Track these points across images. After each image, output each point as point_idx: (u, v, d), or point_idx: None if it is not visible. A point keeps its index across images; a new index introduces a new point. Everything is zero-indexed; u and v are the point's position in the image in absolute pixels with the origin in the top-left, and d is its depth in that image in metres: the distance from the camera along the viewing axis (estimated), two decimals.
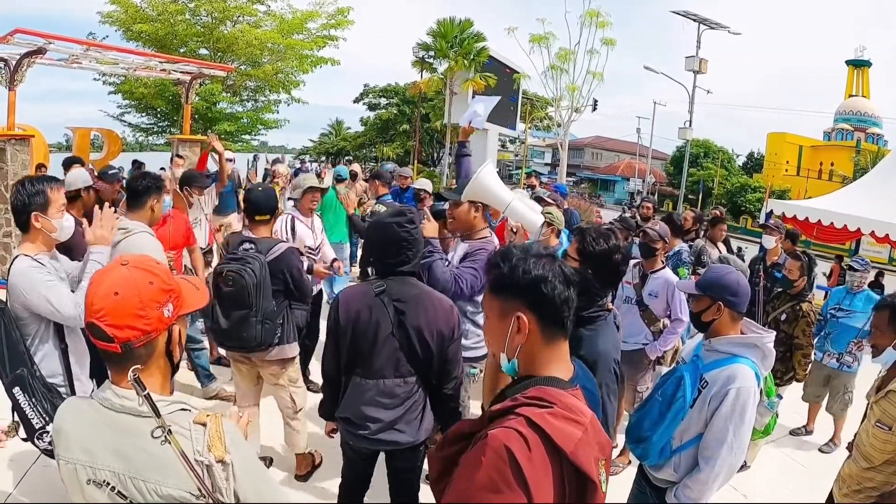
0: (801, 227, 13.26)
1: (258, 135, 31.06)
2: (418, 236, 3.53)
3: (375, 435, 3.51)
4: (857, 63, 63.98)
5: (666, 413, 3.26)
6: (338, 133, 78.24)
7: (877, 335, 3.94)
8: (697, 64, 40.81)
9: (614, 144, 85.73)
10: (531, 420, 1.71)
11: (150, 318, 1.83)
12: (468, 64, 30.82)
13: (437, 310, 3.47)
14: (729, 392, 3.07)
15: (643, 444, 3.35)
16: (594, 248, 3.19)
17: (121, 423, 1.84)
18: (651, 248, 5.93)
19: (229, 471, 1.85)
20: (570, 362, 2.04)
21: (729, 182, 59.86)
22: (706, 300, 3.30)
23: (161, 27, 24.59)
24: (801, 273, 6.43)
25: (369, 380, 3.48)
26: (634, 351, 5.99)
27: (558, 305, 1.96)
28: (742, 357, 3.19)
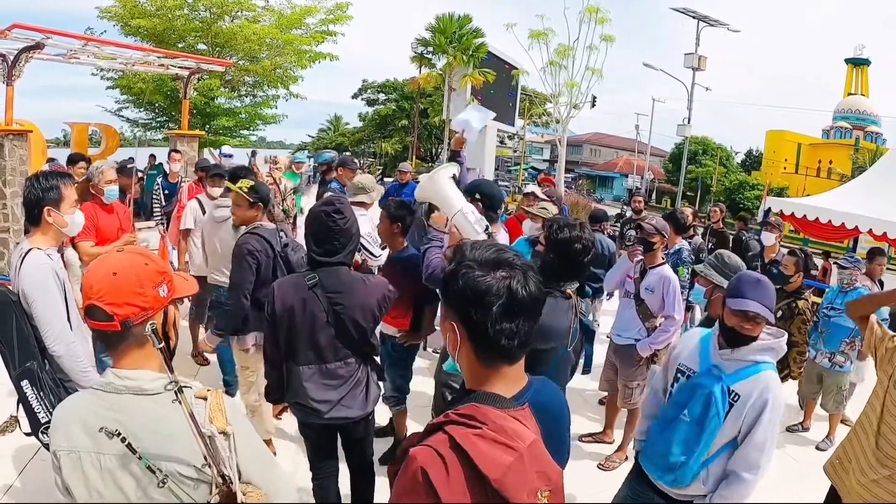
0: (800, 224, 13.31)
1: (256, 130, 30.98)
2: (348, 226, 3.61)
3: (328, 414, 3.72)
4: (856, 62, 63.94)
5: (700, 435, 3.20)
6: (336, 128, 78.19)
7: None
8: (696, 61, 40.76)
9: (613, 141, 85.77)
10: (453, 440, 1.61)
11: (148, 297, 1.91)
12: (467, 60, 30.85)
13: (370, 294, 3.68)
14: (768, 401, 3.12)
15: (676, 471, 3.28)
16: (557, 235, 3.53)
17: (123, 404, 1.88)
18: (647, 241, 5.93)
19: (231, 442, 1.88)
20: (518, 380, 1.88)
21: (727, 179, 59.79)
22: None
23: (159, 22, 24.45)
24: (797, 269, 6.45)
25: (311, 365, 3.66)
26: (627, 346, 6.05)
27: (492, 336, 1.74)
28: (764, 362, 3.23)
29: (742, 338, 3.23)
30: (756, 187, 55.26)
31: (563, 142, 22.82)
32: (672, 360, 3.64)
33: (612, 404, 6.51)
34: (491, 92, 30.73)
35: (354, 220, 3.74)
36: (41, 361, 3.53)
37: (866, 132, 60.06)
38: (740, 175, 61.45)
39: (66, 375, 3.62)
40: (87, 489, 1.86)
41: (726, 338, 3.31)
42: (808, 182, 54.67)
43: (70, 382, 3.61)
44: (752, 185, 56.94)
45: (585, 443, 6.52)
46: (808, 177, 57.80)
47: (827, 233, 13.17)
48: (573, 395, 7.60)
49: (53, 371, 3.59)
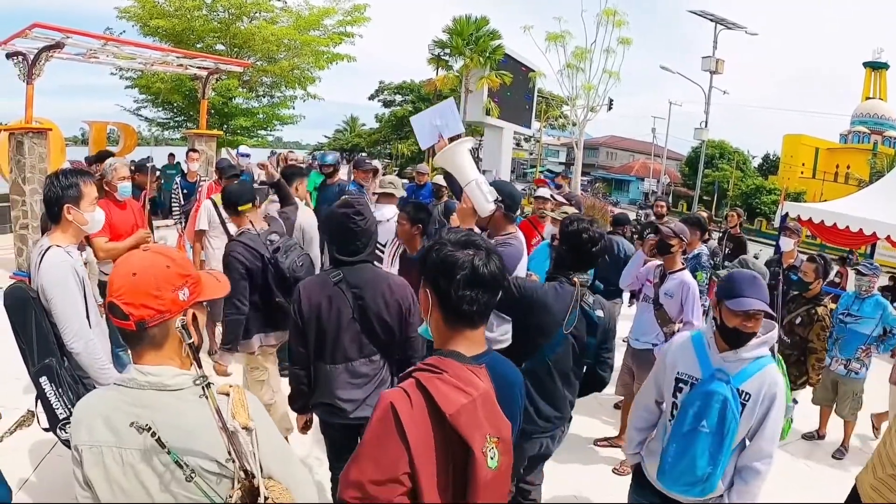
0: (817, 230, 13.22)
1: (273, 130, 31.11)
2: (368, 226, 3.72)
3: (353, 413, 3.76)
4: (874, 65, 63.64)
5: (722, 442, 3.16)
6: (352, 129, 78.32)
7: None
8: (714, 64, 40.67)
9: (629, 144, 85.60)
10: (419, 382, 1.95)
11: (165, 300, 1.90)
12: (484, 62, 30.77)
13: (394, 291, 3.72)
14: (776, 395, 3.17)
15: (703, 484, 3.23)
16: (568, 228, 3.86)
17: (145, 399, 1.88)
18: (666, 244, 5.92)
19: (253, 437, 1.87)
20: (478, 345, 2.24)
21: (744, 184, 59.61)
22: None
23: (178, 23, 24.59)
24: (817, 275, 6.41)
25: (337, 364, 3.71)
26: (644, 350, 6.05)
27: (455, 301, 2.13)
28: (764, 357, 3.25)
29: (744, 336, 3.21)
30: (773, 192, 55.08)
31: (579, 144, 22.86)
32: (667, 368, 3.55)
33: (627, 409, 6.46)
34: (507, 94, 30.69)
35: (373, 220, 3.83)
36: (60, 358, 3.56)
37: (884, 137, 59.76)
38: (757, 179, 61.27)
39: (85, 372, 3.65)
40: (108, 483, 1.86)
41: (728, 340, 3.27)
42: (826, 187, 54.43)
43: (88, 379, 3.64)
44: (769, 190, 56.77)
45: (600, 447, 6.50)
46: (825, 182, 57.56)
47: (844, 239, 13.10)
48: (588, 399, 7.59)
49: (72, 368, 3.62)
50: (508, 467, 2.09)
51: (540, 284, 3.90)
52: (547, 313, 3.70)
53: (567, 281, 3.83)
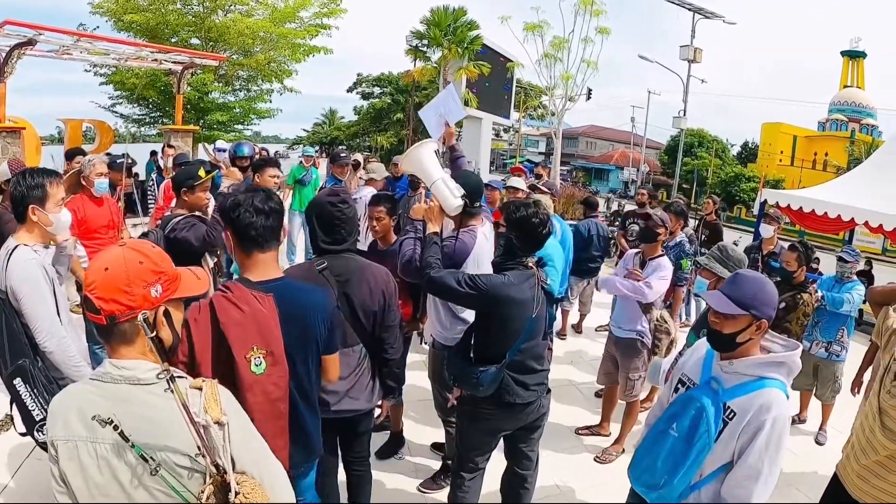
0: (795, 216, 13.28)
1: (251, 125, 30.96)
2: (351, 215, 3.74)
3: (335, 406, 3.77)
4: (852, 54, 64.28)
5: (687, 452, 2.88)
6: (331, 122, 78.18)
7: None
8: (692, 53, 40.68)
9: (609, 134, 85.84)
10: (212, 300, 2.63)
11: (135, 295, 1.91)
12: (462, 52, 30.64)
13: (378, 280, 3.78)
14: (765, 423, 2.75)
15: (660, 491, 2.99)
16: (514, 215, 3.94)
17: (119, 393, 1.89)
18: (655, 232, 6.00)
19: (225, 431, 1.89)
20: (268, 271, 2.95)
21: (723, 171, 59.97)
22: (746, 319, 2.87)
23: (152, 17, 24.38)
24: (800, 263, 6.42)
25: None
26: (628, 338, 6.04)
27: (243, 227, 2.86)
28: (770, 379, 2.86)
29: (722, 338, 2.95)
30: (752, 179, 55.46)
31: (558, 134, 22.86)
32: (676, 369, 3.41)
33: (609, 397, 6.50)
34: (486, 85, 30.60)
35: (356, 209, 3.83)
36: (33, 358, 3.51)
37: (862, 124, 60.45)
38: (736, 167, 61.66)
39: (60, 373, 3.60)
40: (83, 478, 1.86)
41: (711, 341, 3.06)
42: (804, 174, 54.94)
43: (64, 380, 3.59)
44: (748, 178, 57.11)
45: (583, 435, 6.50)
46: (803, 169, 58.06)
47: (823, 225, 13.14)
48: (570, 388, 7.65)
49: (46, 368, 3.57)
50: (279, 377, 2.76)
51: (501, 278, 3.89)
52: (514, 305, 3.80)
53: (523, 267, 3.93)
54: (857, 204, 11.87)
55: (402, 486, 5.32)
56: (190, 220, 4.74)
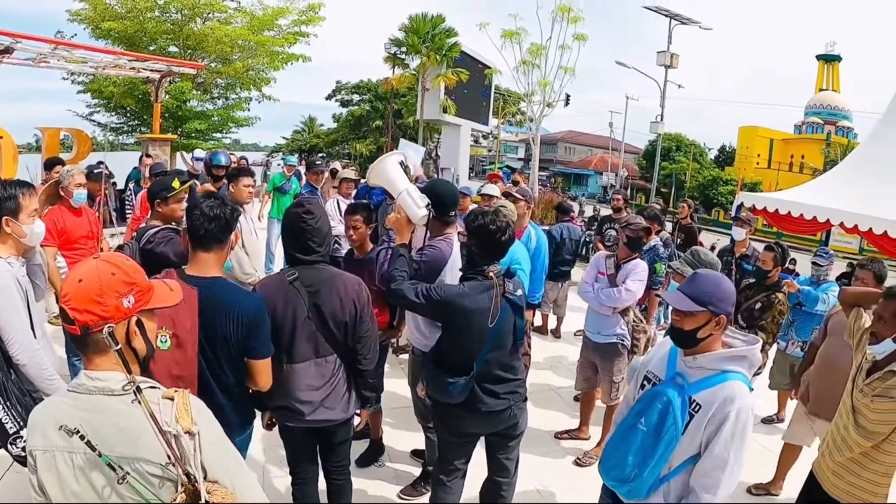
0: (772, 218, 13.37)
1: (229, 133, 30.89)
2: (319, 225, 3.75)
3: (310, 416, 3.79)
4: (827, 58, 65.10)
5: (655, 446, 2.95)
6: (310, 130, 77.86)
7: (879, 324, 3.79)
8: (668, 59, 40.94)
9: (587, 139, 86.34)
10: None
11: (108, 306, 1.95)
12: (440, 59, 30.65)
13: (348, 290, 3.77)
14: (728, 414, 2.84)
15: (631, 484, 3.04)
16: (473, 224, 4.00)
17: (94, 404, 1.94)
18: (640, 241, 6.09)
19: (196, 441, 1.91)
20: (203, 270, 3.29)
21: (701, 175, 60.44)
22: (704, 315, 2.97)
23: (130, 25, 24.26)
24: (775, 263, 6.49)
25: (294, 364, 3.73)
26: (609, 343, 6.08)
27: (192, 227, 3.28)
28: (733, 372, 2.96)
29: (683, 335, 3.04)
30: (729, 182, 55.95)
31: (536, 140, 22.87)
32: (641, 367, 3.48)
33: (588, 401, 6.54)
34: (464, 91, 30.64)
35: (325, 220, 3.83)
36: (6, 371, 3.49)
37: (838, 127, 61.11)
38: (714, 171, 62.17)
39: (34, 386, 3.58)
40: (60, 487, 1.91)
41: (673, 338, 3.16)
42: (781, 176, 55.34)
43: (38, 393, 3.57)
44: (725, 181, 57.60)
45: (562, 439, 6.54)
46: (780, 171, 58.53)
47: (799, 226, 13.22)
48: (549, 393, 7.68)
49: (20, 381, 3.55)
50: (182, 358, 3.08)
51: (457, 288, 4.00)
52: (468, 315, 3.86)
53: (483, 277, 3.97)
54: (833, 205, 11.96)
55: (383, 494, 5.32)
56: (167, 233, 4.70)
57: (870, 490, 3.82)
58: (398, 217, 4.29)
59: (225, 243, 3.44)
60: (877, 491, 3.82)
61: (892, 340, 3.71)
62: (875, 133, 13.67)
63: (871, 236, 11.45)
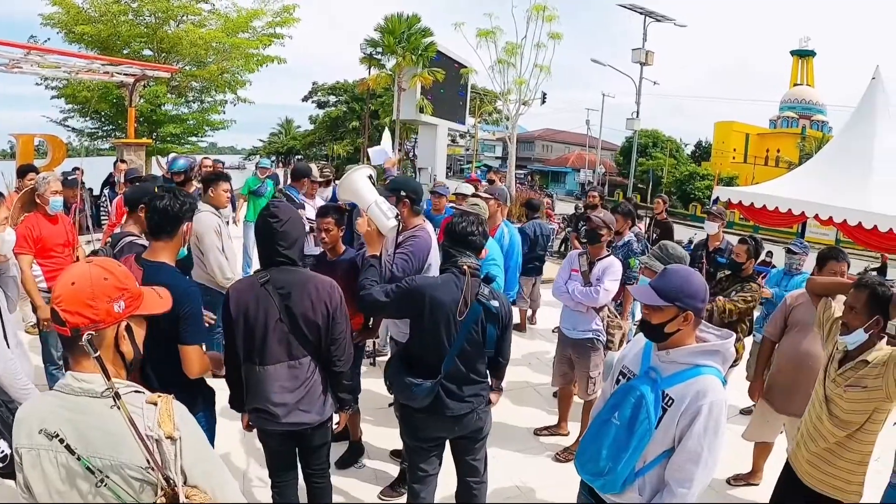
0: (748, 212, 13.49)
1: (205, 136, 30.69)
2: (285, 228, 3.75)
3: (285, 418, 3.78)
4: (801, 53, 65.74)
5: (629, 440, 2.96)
6: (288, 132, 77.69)
7: (850, 314, 3.83)
8: (644, 56, 41.17)
9: (564, 136, 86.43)
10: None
11: (99, 310, 1.99)
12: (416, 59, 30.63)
13: (320, 292, 3.77)
14: (701, 408, 2.83)
15: (605, 478, 3.05)
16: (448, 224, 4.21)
17: (80, 405, 1.97)
18: (596, 233, 6.06)
19: (178, 447, 1.94)
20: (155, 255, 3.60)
21: (678, 171, 60.67)
22: (672, 310, 2.97)
23: (104, 28, 24.06)
24: (748, 256, 6.54)
25: (267, 366, 3.72)
26: (584, 339, 6.12)
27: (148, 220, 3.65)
28: (706, 366, 2.96)
29: (651, 329, 3.06)
30: (706, 177, 56.21)
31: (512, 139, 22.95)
32: (617, 362, 3.48)
33: (565, 397, 6.58)
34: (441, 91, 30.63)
35: (294, 222, 3.84)
36: None
37: (812, 121, 61.68)
38: (690, 166, 62.43)
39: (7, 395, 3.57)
40: (45, 485, 1.93)
41: (643, 331, 3.17)
42: (757, 171, 55.70)
43: (13, 403, 3.56)
44: (702, 176, 57.86)
45: (541, 435, 6.58)
46: (756, 166, 58.87)
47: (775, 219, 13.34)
48: (527, 390, 7.72)
49: None
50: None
51: (428, 278, 4.18)
52: (439, 305, 3.90)
53: (457, 269, 4.03)
54: (808, 198, 12.10)
55: (364, 495, 5.33)
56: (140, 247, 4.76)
57: (845, 479, 3.88)
58: (369, 230, 4.35)
59: (175, 234, 3.70)
60: (852, 479, 3.88)
61: (863, 330, 3.76)
62: (848, 126, 13.81)
63: (845, 228, 11.58)
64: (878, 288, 3.77)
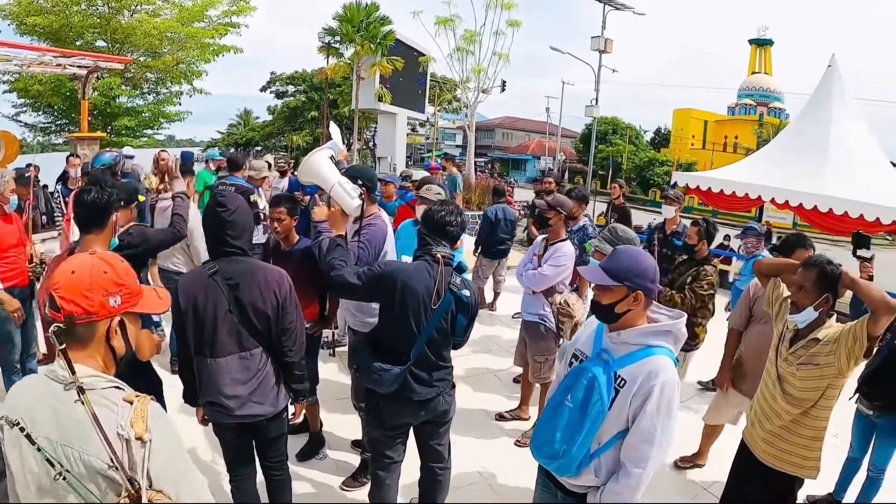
0: (707, 197, 13.68)
1: (161, 129, 30.31)
2: (233, 217, 3.71)
3: (239, 411, 3.74)
4: (759, 42, 66.79)
5: (582, 421, 2.96)
6: (246, 123, 76.97)
7: (799, 293, 3.88)
8: (602, 44, 41.33)
9: (525, 124, 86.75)
10: None
11: (94, 301, 2.03)
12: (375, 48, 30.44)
13: (268, 282, 3.72)
14: (653, 389, 2.84)
15: (560, 460, 3.04)
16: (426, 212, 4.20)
17: (60, 393, 1.98)
18: (544, 218, 6.13)
19: (147, 449, 1.94)
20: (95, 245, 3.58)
21: (637, 157, 61.19)
22: (622, 290, 2.98)
23: (56, 19, 23.69)
24: (700, 238, 6.58)
25: (218, 359, 3.67)
26: (532, 322, 6.22)
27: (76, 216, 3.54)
28: (657, 347, 2.97)
29: (604, 309, 3.06)
30: (665, 164, 56.83)
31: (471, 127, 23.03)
32: (570, 346, 3.49)
33: (527, 381, 6.60)
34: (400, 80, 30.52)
35: (242, 211, 3.79)
36: None
37: (770, 108, 62.69)
38: (650, 152, 63.00)
39: None
40: (20, 463, 1.94)
41: (594, 312, 3.18)
42: (716, 157, 56.38)
43: None
44: (661, 162, 58.44)
45: (502, 421, 6.60)
46: (715, 152, 59.56)
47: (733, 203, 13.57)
48: (488, 375, 7.74)
49: None
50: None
51: (401, 263, 4.10)
52: (410, 291, 3.86)
53: (431, 258, 3.99)
54: (765, 182, 12.35)
55: (326, 486, 5.30)
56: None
57: (802, 455, 3.93)
58: (333, 210, 4.28)
59: (105, 225, 3.78)
60: (809, 455, 3.93)
61: (813, 309, 3.82)
62: (804, 113, 14.07)
63: (802, 211, 11.78)
64: (826, 267, 3.83)
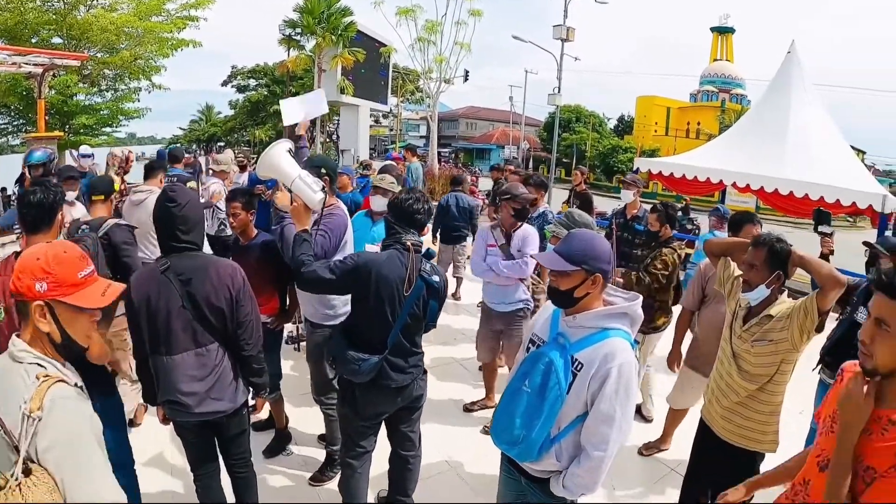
0: (669, 182, 13.82)
1: (120, 126, 29.86)
2: (183, 212, 3.65)
3: (197, 408, 3.68)
4: (721, 30, 67.93)
5: (541, 406, 2.95)
6: (208, 119, 76.47)
7: (751, 272, 3.92)
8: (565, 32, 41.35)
9: (488, 114, 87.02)
10: None
11: (21, 285, 2.22)
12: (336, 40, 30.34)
13: (221, 276, 3.67)
14: (611, 371, 2.84)
15: (520, 446, 3.04)
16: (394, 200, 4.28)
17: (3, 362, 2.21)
18: (527, 210, 6.15)
19: (34, 427, 2.00)
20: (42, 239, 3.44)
21: (601, 144, 61.68)
22: (580, 274, 2.96)
23: (10, 16, 23.08)
24: (661, 223, 6.59)
25: (174, 356, 3.61)
26: (514, 311, 6.19)
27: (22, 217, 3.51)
28: (613, 329, 2.97)
29: (561, 295, 3.04)
30: (629, 150, 57.41)
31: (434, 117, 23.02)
32: (527, 330, 3.49)
33: (491, 370, 6.64)
34: (362, 71, 30.48)
35: (192, 205, 3.73)
36: None
37: (732, 95, 63.72)
38: (613, 140, 63.60)
39: None
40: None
41: (551, 299, 3.15)
42: (679, 143, 56.82)
43: None
44: (624, 149, 59.02)
45: (470, 410, 6.62)
46: (678, 138, 60.13)
47: (695, 188, 13.71)
48: (453, 365, 7.73)
49: None
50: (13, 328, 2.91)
51: (373, 255, 4.06)
52: (384, 281, 3.87)
53: (401, 246, 4.01)
54: (726, 167, 12.50)
55: (293, 482, 5.26)
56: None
57: (760, 430, 3.99)
58: (296, 205, 4.22)
59: (52, 225, 3.70)
60: (767, 430, 3.99)
61: (765, 286, 3.88)
62: (764, 98, 14.25)
63: (763, 194, 11.93)
64: (775, 244, 3.87)
